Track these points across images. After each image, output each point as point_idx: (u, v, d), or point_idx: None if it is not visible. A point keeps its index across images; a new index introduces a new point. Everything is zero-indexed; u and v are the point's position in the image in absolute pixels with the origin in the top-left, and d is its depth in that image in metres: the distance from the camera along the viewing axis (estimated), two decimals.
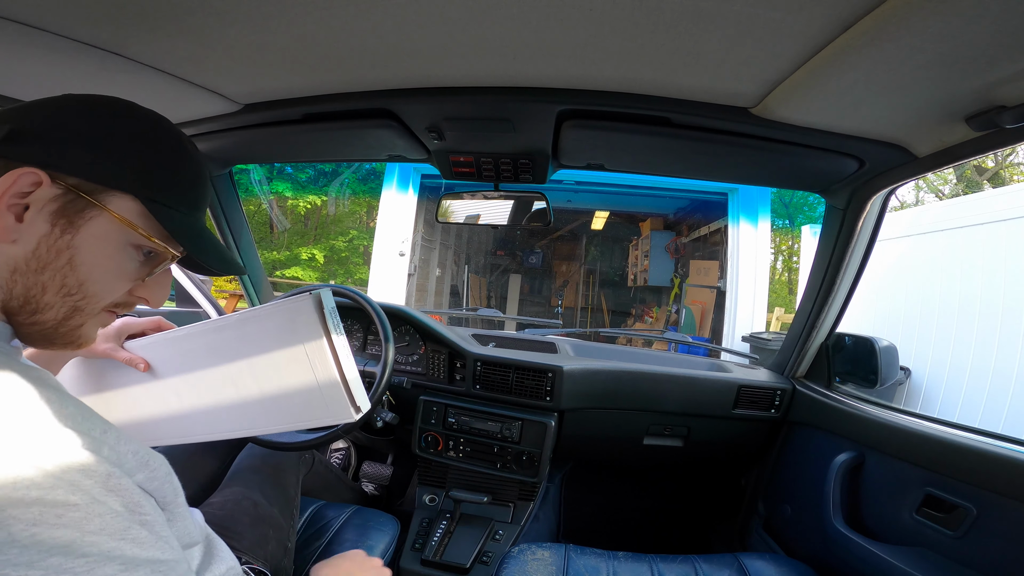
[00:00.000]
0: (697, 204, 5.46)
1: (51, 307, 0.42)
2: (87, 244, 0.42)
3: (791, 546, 1.24)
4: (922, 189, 10.02)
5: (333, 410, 0.64)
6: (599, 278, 7.98)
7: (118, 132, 0.43)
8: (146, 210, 0.44)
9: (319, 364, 0.63)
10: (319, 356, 0.62)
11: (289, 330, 0.63)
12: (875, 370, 1.19)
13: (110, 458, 0.37)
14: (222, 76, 0.83)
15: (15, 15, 0.63)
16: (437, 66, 0.75)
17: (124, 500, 0.36)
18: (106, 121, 0.43)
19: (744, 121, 0.81)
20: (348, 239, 9.55)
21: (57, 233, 0.41)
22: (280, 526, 0.91)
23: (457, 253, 6.92)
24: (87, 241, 0.42)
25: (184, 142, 0.48)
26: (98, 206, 0.42)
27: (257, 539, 0.85)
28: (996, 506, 0.78)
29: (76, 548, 0.32)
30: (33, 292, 0.41)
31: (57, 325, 0.44)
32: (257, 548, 0.83)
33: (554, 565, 1.01)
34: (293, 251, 9.34)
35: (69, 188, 0.41)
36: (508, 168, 1.08)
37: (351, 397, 0.64)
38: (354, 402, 0.64)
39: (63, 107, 0.43)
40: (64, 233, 0.41)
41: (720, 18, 0.56)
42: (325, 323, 0.62)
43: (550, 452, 1.31)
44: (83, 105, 0.43)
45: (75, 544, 0.32)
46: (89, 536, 0.33)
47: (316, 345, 0.62)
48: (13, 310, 0.42)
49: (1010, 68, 0.56)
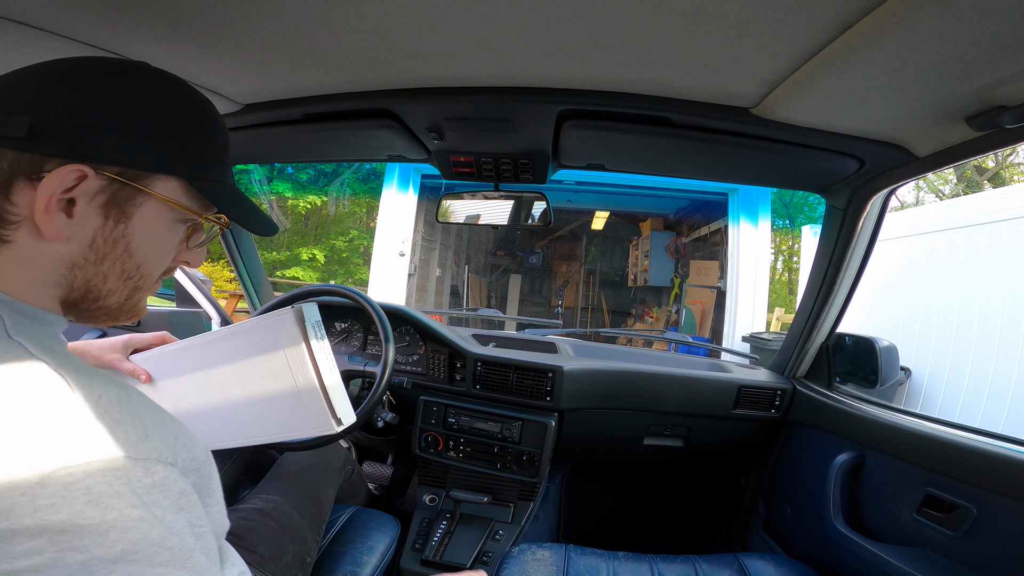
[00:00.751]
0: (697, 204, 5.46)
1: (114, 292, 0.44)
2: (141, 229, 0.43)
3: (791, 546, 1.24)
4: (922, 189, 10.03)
5: (314, 420, 0.66)
6: (599, 278, 7.98)
7: (149, 110, 0.42)
8: (190, 187, 0.45)
9: (299, 373, 0.65)
10: (299, 365, 0.65)
11: (272, 341, 0.66)
12: (875, 370, 1.19)
13: (184, 468, 0.39)
14: (222, 76, 0.83)
15: (15, 15, 0.63)
16: (437, 66, 0.75)
17: (191, 516, 0.37)
18: (134, 99, 0.41)
19: (744, 121, 0.81)
20: (348, 239, 9.56)
21: (111, 224, 0.41)
22: (304, 540, 0.90)
23: (457, 253, 6.92)
24: (140, 227, 0.43)
25: (207, 106, 0.47)
26: (146, 192, 0.42)
27: (273, 551, 0.85)
28: (996, 506, 0.78)
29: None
30: (95, 282, 0.42)
31: (121, 305, 0.45)
32: (269, 561, 0.83)
33: (554, 565, 1.01)
34: (293, 251, 9.35)
35: (114, 178, 0.40)
36: (508, 168, 1.08)
37: (331, 407, 0.66)
38: (335, 413, 0.66)
39: (80, 83, 0.40)
40: (118, 223, 0.42)
41: (720, 18, 0.56)
42: (306, 335, 0.65)
43: (550, 452, 1.31)
44: (100, 78, 0.41)
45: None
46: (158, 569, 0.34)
47: (296, 354, 0.65)
48: (74, 301, 0.43)
49: (1010, 68, 0.56)
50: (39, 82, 0.40)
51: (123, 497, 0.33)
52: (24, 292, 0.40)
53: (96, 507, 0.31)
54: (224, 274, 8.45)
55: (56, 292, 0.42)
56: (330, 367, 0.66)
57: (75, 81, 0.40)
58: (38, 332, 0.39)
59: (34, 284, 0.41)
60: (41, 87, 0.39)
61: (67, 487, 0.31)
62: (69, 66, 0.41)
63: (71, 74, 0.40)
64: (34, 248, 0.39)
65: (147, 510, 0.33)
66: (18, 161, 0.38)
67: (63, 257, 0.41)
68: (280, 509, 0.90)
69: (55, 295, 0.42)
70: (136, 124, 0.41)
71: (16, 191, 0.38)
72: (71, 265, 0.41)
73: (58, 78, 0.40)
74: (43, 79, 0.40)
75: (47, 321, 0.42)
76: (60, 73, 0.40)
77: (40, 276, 0.41)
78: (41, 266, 0.40)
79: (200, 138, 0.45)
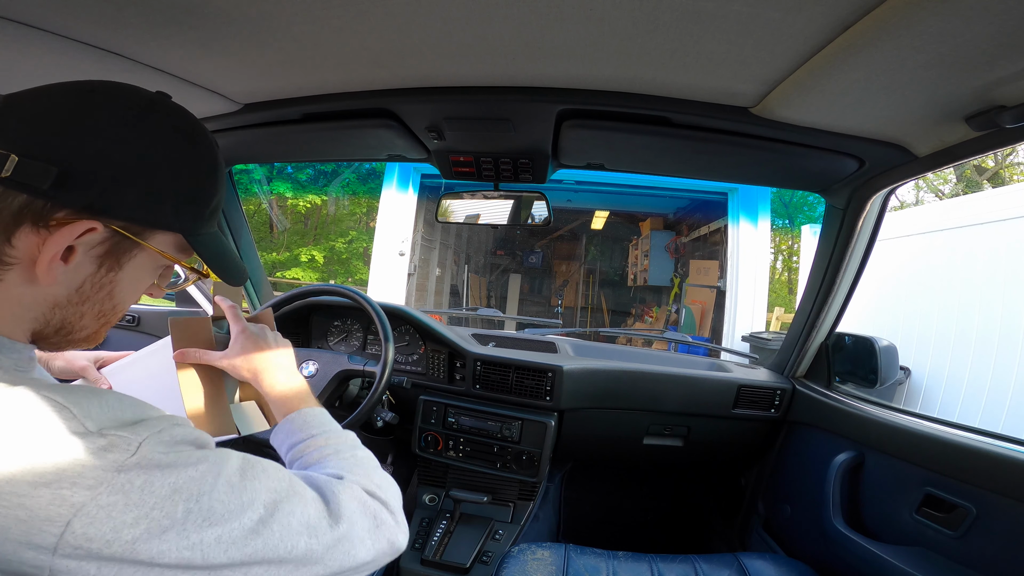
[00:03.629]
0: (697, 204, 5.45)
1: (86, 328, 0.45)
2: (128, 276, 0.44)
3: (791, 546, 1.24)
4: (922, 189, 10.03)
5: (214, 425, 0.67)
6: (599, 278, 7.98)
7: (167, 166, 0.43)
8: (183, 240, 0.46)
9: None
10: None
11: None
12: (875, 370, 1.19)
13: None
14: (222, 76, 0.83)
15: (15, 15, 0.63)
16: (437, 66, 0.75)
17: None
18: (156, 152, 0.42)
19: (744, 121, 0.81)
20: (348, 240, 9.55)
21: (103, 272, 0.43)
22: None
23: (457, 253, 6.92)
24: (128, 274, 0.44)
25: (217, 157, 0.48)
26: (143, 245, 0.43)
27: None
28: (996, 506, 0.79)
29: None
30: (71, 320, 0.43)
31: (87, 337, 0.46)
32: None
33: (554, 565, 1.01)
34: (293, 252, 9.34)
35: (118, 231, 0.41)
36: (508, 168, 1.08)
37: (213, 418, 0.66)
38: (217, 426, 0.66)
39: (109, 129, 0.40)
40: (109, 271, 0.43)
41: (720, 18, 0.56)
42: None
43: (550, 452, 1.31)
44: (128, 124, 0.41)
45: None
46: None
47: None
48: (46, 335, 0.44)
49: (1010, 68, 0.56)
50: (69, 122, 0.39)
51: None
52: (2, 326, 0.40)
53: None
54: None
55: (31, 326, 0.42)
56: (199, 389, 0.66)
57: (104, 126, 0.40)
58: (2, 361, 0.40)
59: (11, 319, 0.41)
60: (71, 130, 0.39)
61: None
62: (98, 102, 0.41)
63: (101, 115, 0.40)
64: (21, 289, 0.40)
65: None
66: (30, 206, 0.38)
67: (47, 298, 0.41)
68: None
69: (29, 328, 0.42)
70: (153, 180, 0.42)
71: (20, 235, 0.38)
72: (53, 305, 0.42)
73: (87, 119, 0.39)
74: (73, 117, 0.39)
75: (15, 349, 0.41)
76: (89, 111, 0.40)
77: (20, 312, 0.41)
78: (24, 304, 0.41)
79: (205, 196, 0.46)
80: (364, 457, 0.57)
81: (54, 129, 0.38)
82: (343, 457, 0.56)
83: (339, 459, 0.55)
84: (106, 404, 0.37)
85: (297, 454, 0.57)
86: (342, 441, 0.58)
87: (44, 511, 0.32)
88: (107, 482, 0.33)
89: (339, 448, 0.57)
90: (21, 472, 0.32)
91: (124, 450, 0.35)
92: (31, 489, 0.32)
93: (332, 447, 0.57)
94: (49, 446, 0.33)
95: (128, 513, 0.34)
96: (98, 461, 0.34)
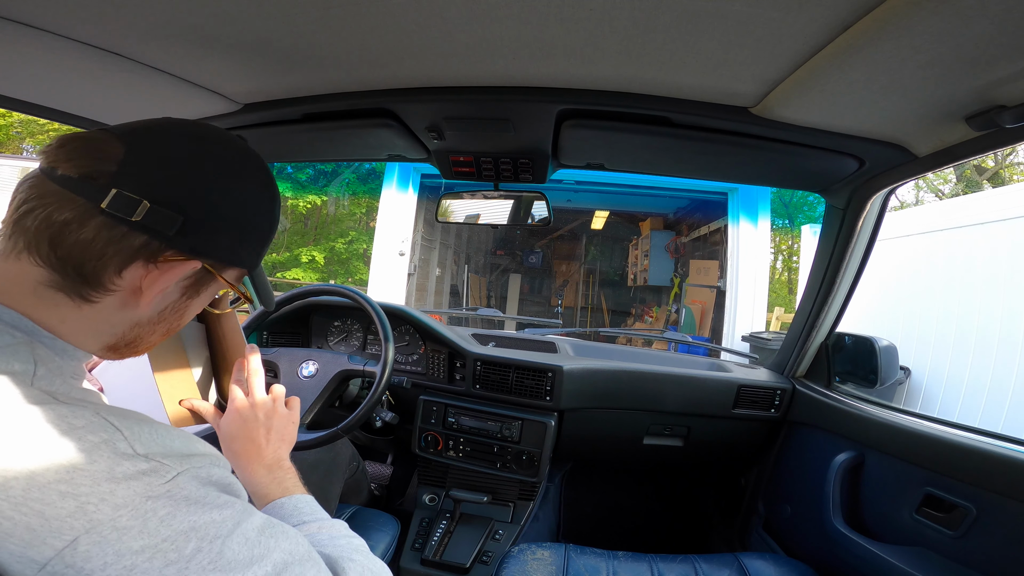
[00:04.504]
0: (697, 204, 5.45)
1: (152, 342, 0.49)
2: (199, 303, 0.50)
3: (791, 546, 1.24)
4: (922, 189, 10.03)
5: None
6: (599, 278, 7.98)
7: (255, 210, 0.48)
8: (245, 273, 0.52)
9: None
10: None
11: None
12: (875, 370, 1.19)
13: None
14: (222, 76, 0.83)
15: (15, 15, 0.62)
16: (437, 66, 0.75)
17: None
18: (250, 203, 0.47)
19: (744, 121, 0.81)
20: (348, 240, 9.54)
21: (184, 299, 0.47)
22: None
23: (457, 253, 6.92)
24: (200, 301, 0.49)
25: (279, 201, 0.53)
26: (219, 279, 0.48)
27: None
28: (996, 506, 0.79)
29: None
30: (143, 336, 0.47)
31: (148, 348, 0.50)
32: None
33: (554, 565, 1.01)
34: (294, 252, 9.33)
35: (207, 268, 0.46)
36: (508, 168, 1.08)
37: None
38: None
39: (223, 181, 0.45)
40: (190, 299, 0.48)
41: (720, 18, 0.56)
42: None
43: (550, 452, 1.31)
44: (232, 176, 0.46)
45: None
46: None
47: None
48: (117, 347, 0.47)
49: (1010, 68, 0.56)
50: (189, 171, 0.43)
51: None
52: (82, 340, 0.43)
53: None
54: None
55: (108, 341, 0.45)
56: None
57: (217, 176, 0.45)
58: (63, 367, 0.41)
59: (93, 335, 0.44)
60: (192, 179, 0.43)
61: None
62: (211, 151, 0.45)
63: (214, 164, 0.45)
64: (114, 312, 0.43)
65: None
66: (148, 246, 0.41)
67: (132, 319, 0.45)
68: None
69: (104, 342, 0.45)
70: (245, 226, 0.47)
71: (130, 270, 0.41)
72: (134, 325, 0.45)
73: (204, 167, 0.44)
74: (193, 166, 0.44)
75: (76, 357, 0.43)
76: (204, 159, 0.44)
77: (105, 329, 0.44)
78: (112, 323, 0.44)
79: (269, 237, 0.52)
80: (360, 544, 0.56)
81: (177, 178, 0.42)
82: (339, 544, 0.54)
83: (335, 544, 0.54)
84: (156, 432, 0.38)
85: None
86: (336, 529, 0.57)
87: (59, 523, 0.31)
88: (133, 506, 0.33)
89: (333, 535, 0.56)
90: (55, 481, 0.32)
91: (162, 476, 0.35)
92: (58, 499, 0.32)
93: (326, 534, 0.56)
94: (91, 460, 0.33)
95: (138, 540, 0.33)
96: (134, 483, 0.34)
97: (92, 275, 0.40)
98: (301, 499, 0.60)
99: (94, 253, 0.39)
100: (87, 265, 0.40)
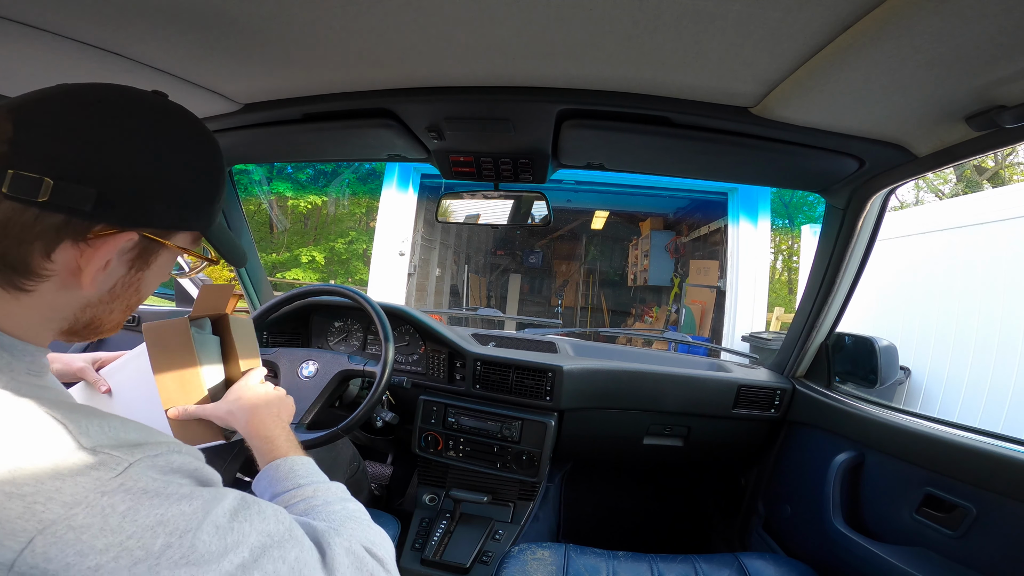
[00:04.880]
0: (697, 204, 5.45)
1: (112, 321, 0.47)
2: (153, 272, 0.47)
3: (791, 546, 1.24)
4: (922, 189, 10.03)
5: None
6: (599, 278, 7.98)
7: (185, 168, 0.45)
8: (199, 235, 0.49)
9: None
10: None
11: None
12: (875, 370, 1.19)
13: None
14: (222, 76, 0.83)
15: (15, 15, 0.63)
16: (437, 66, 0.75)
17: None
18: (177, 160, 0.44)
19: (744, 121, 0.81)
20: (348, 240, 9.54)
21: (133, 273, 0.45)
22: None
23: (457, 253, 6.92)
24: (154, 271, 0.47)
25: (219, 147, 0.49)
26: (168, 245, 0.45)
27: None
28: (996, 506, 0.79)
29: None
30: (101, 316, 0.45)
31: (112, 328, 0.48)
32: None
33: (554, 565, 1.01)
34: (294, 252, 9.33)
35: (149, 237, 0.43)
36: (508, 168, 1.08)
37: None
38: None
39: (137, 144, 0.41)
40: (139, 271, 0.45)
41: (720, 18, 0.56)
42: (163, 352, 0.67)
43: (550, 452, 1.31)
44: (148, 137, 0.42)
45: None
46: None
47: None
48: (75, 331, 0.45)
49: (1010, 68, 0.56)
50: (94, 140, 0.39)
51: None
52: (27, 332, 0.41)
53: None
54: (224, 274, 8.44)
55: (60, 327, 0.44)
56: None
57: (129, 141, 0.41)
58: (13, 364, 0.40)
59: (41, 323, 0.42)
60: (101, 149, 0.39)
61: None
62: (115, 114, 0.41)
63: (122, 129, 0.41)
64: (55, 295, 0.41)
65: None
66: (69, 225, 0.38)
67: (80, 300, 0.43)
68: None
69: (57, 329, 0.44)
70: (178, 187, 0.44)
71: (59, 251, 0.39)
72: (85, 306, 0.43)
73: (111, 134, 0.40)
74: (96, 135, 0.39)
75: (27, 352, 0.41)
76: (108, 124, 0.40)
77: (51, 316, 0.43)
78: (56, 309, 0.42)
79: (219, 193, 0.49)
80: (355, 510, 0.55)
81: (81, 149, 0.38)
82: (333, 510, 0.53)
83: (329, 511, 0.53)
84: (107, 424, 0.37)
85: (281, 504, 0.54)
86: (331, 493, 0.56)
87: (11, 524, 0.31)
88: (87, 503, 0.32)
89: (328, 500, 0.55)
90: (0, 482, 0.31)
91: (112, 468, 0.34)
92: (5, 500, 0.31)
93: (321, 498, 0.55)
94: (34, 457, 0.32)
95: (101, 539, 0.32)
96: (82, 478, 0.33)
97: (19, 263, 0.38)
98: (297, 460, 0.59)
99: (12, 240, 0.37)
100: (10, 254, 0.38)
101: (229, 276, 7.32)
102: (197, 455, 0.42)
